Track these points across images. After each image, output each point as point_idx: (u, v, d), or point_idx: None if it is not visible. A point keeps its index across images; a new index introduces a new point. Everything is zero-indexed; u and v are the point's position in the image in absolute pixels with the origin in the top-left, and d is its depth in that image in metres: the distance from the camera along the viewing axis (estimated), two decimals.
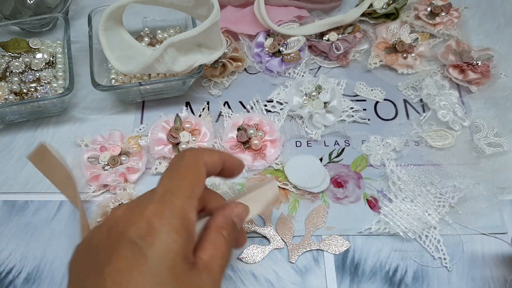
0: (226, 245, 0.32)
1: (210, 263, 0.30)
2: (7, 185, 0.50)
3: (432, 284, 0.45)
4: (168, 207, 0.28)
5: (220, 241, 0.32)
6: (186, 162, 0.32)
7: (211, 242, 0.31)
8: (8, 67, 0.53)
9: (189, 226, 0.28)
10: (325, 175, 0.50)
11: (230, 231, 0.33)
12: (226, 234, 0.32)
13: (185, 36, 0.47)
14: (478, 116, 0.54)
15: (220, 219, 0.33)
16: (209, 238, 0.31)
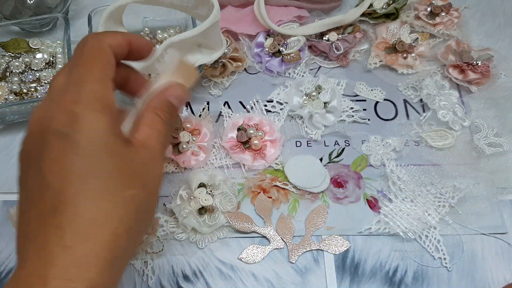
0: (163, 125, 0.32)
1: (147, 140, 0.31)
2: (7, 185, 0.50)
3: (432, 284, 0.45)
4: (84, 91, 0.28)
5: (156, 121, 0.32)
6: (89, 46, 0.30)
7: (147, 123, 0.32)
8: (8, 67, 0.53)
9: (109, 105, 0.28)
10: (325, 175, 0.50)
11: (167, 112, 0.33)
12: (162, 114, 0.33)
13: (185, 36, 0.47)
14: (478, 116, 0.54)
15: (156, 101, 0.33)
16: (144, 119, 0.32)
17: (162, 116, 0.33)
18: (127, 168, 0.28)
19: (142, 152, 0.30)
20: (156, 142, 0.31)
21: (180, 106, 0.35)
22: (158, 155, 0.31)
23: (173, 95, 0.34)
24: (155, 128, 0.32)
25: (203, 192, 0.46)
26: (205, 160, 0.50)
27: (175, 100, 0.34)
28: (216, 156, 0.51)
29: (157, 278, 0.45)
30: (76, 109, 0.27)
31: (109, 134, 0.27)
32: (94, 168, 0.27)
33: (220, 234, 0.47)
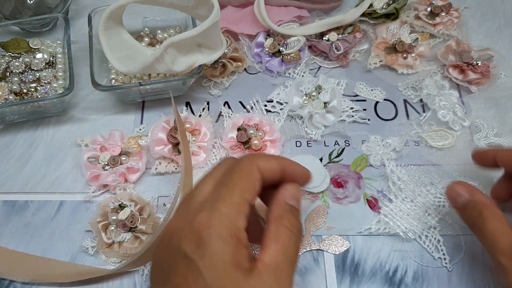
0: (288, 235, 0.30)
1: (273, 261, 0.28)
2: (7, 185, 0.50)
3: (432, 284, 0.45)
4: (216, 215, 0.28)
5: (281, 233, 0.30)
6: (239, 168, 0.31)
7: (272, 238, 0.29)
8: (8, 67, 0.53)
9: (237, 233, 0.28)
10: (325, 175, 0.50)
11: (290, 218, 0.30)
12: (287, 223, 0.30)
13: (185, 36, 0.47)
14: (478, 116, 0.54)
15: (276, 209, 0.31)
16: (269, 234, 0.30)
17: (286, 223, 0.30)
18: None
19: (266, 279, 0.27)
20: (282, 259, 0.29)
21: (299, 205, 0.32)
22: (286, 277, 0.28)
23: (290, 197, 0.32)
24: (280, 242, 0.29)
25: None
26: (205, 160, 0.50)
27: (294, 202, 0.32)
28: (216, 156, 0.51)
29: None
30: (204, 234, 0.27)
31: (229, 267, 0.27)
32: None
33: None
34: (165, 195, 0.49)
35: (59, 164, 0.51)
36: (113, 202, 0.46)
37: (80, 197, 0.49)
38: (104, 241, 0.45)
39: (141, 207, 0.46)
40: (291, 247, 0.29)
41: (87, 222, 0.47)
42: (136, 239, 0.45)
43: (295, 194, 0.32)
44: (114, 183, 0.48)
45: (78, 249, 0.46)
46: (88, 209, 0.48)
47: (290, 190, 0.32)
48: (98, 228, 0.45)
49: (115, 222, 0.45)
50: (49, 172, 0.51)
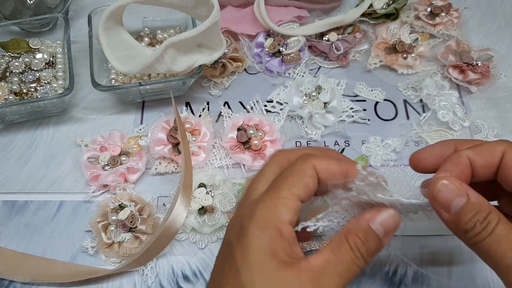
0: (348, 253, 0.28)
1: (319, 266, 0.27)
2: (7, 185, 0.50)
3: (432, 284, 0.45)
4: (260, 206, 0.29)
5: (342, 247, 0.28)
6: (292, 165, 0.31)
7: (330, 246, 0.28)
8: (8, 67, 0.53)
9: (278, 225, 0.28)
10: None
11: (361, 239, 0.28)
12: (353, 242, 0.28)
13: (185, 36, 0.47)
14: (478, 117, 0.54)
15: (352, 223, 0.29)
16: (330, 243, 0.29)
17: (353, 243, 0.28)
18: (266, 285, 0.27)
19: (302, 278, 0.27)
20: (330, 269, 0.27)
21: (386, 238, 0.29)
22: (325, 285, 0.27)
23: (378, 222, 0.28)
24: (337, 255, 0.28)
25: (203, 192, 0.46)
26: (205, 160, 0.50)
27: (379, 228, 0.28)
28: (216, 156, 0.51)
29: (157, 278, 0.45)
30: (245, 223, 0.28)
31: (263, 253, 0.27)
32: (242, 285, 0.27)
33: (220, 234, 0.47)
34: (165, 195, 0.49)
35: (59, 164, 0.51)
36: (113, 202, 0.46)
37: (80, 197, 0.49)
38: (104, 241, 0.45)
39: (141, 207, 0.46)
40: (345, 264, 0.28)
41: (87, 222, 0.47)
42: (136, 239, 0.45)
43: (388, 224, 0.28)
44: (114, 183, 0.48)
45: (78, 249, 0.46)
46: (88, 209, 0.48)
47: (378, 211, 0.29)
48: (98, 228, 0.45)
49: (115, 222, 0.45)
50: (49, 172, 0.51)
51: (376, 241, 0.29)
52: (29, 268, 0.44)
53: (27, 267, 0.44)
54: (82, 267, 0.45)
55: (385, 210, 0.29)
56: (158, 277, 0.45)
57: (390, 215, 0.29)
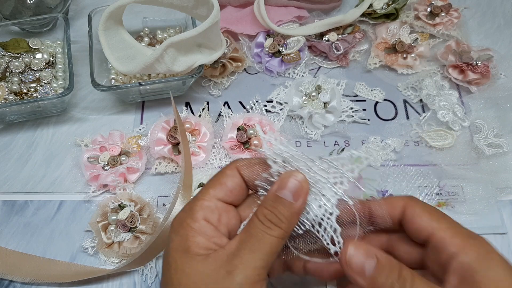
0: (258, 226, 0.28)
1: (235, 249, 0.28)
2: (7, 185, 0.50)
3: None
4: (178, 214, 0.31)
5: (252, 223, 0.29)
6: (224, 169, 0.32)
7: (244, 229, 0.29)
8: (8, 67, 0.53)
9: (190, 223, 0.30)
10: None
11: (269, 210, 0.29)
12: (261, 215, 0.29)
13: (185, 36, 0.47)
14: (478, 117, 0.53)
15: (262, 200, 0.30)
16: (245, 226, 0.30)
17: (261, 215, 0.29)
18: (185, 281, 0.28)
19: (211, 263, 0.28)
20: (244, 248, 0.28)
21: (299, 200, 0.29)
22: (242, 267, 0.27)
23: (283, 188, 0.29)
24: (247, 231, 0.29)
25: None
26: (205, 160, 0.50)
27: (286, 193, 0.29)
28: (216, 156, 0.51)
29: (157, 278, 0.45)
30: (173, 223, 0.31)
31: (178, 253, 0.29)
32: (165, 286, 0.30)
33: None
34: (165, 195, 0.49)
35: (59, 164, 0.51)
36: (113, 202, 0.46)
37: (80, 197, 0.49)
38: (104, 241, 0.45)
39: (140, 207, 0.46)
40: (255, 237, 0.28)
41: (87, 222, 0.47)
42: (136, 239, 0.45)
43: (286, 184, 0.29)
44: (114, 183, 0.48)
45: (78, 249, 0.46)
46: (88, 209, 0.48)
47: (282, 179, 0.29)
48: (98, 228, 0.45)
49: (115, 222, 0.45)
50: (49, 172, 0.51)
51: (286, 205, 0.29)
52: (29, 268, 0.44)
53: (27, 267, 0.44)
54: (82, 267, 0.45)
55: (288, 175, 0.29)
56: (158, 277, 0.45)
57: (294, 178, 0.29)
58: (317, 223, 0.29)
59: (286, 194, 0.29)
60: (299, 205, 0.29)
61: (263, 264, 0.28)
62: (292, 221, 0.29)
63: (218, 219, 0.30)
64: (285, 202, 0.29)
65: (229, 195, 0.31)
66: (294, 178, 0.29)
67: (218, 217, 0.30)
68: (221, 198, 0.31)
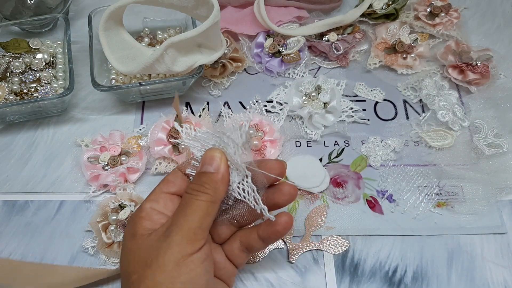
0: (185, 197, 0.34)
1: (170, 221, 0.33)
2: (7, 185, 0.50)
3: (432, 284, 0.45)
4: None
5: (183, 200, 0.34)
6: None
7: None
8: (8, 67, 0.53)
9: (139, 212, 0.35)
10: (324, 175, 0.50)
11: (193, 184, 0.34)
12: (188, 189, 0.34)
13: (185, 37, 0.47)
14: (477, 117, 0.54)
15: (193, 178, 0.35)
16: None
17: (188, 190, 0.34)
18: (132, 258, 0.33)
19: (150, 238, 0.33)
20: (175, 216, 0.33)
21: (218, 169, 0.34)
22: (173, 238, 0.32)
23: (206, 163, 0.34)
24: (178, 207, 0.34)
25: None
26: None
27: (209, 168, 0.34)
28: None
29: None
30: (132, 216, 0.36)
31: (127, 237, 0.34)
32: None
33: None
34: None
35: (59, 164, 0.51)
36: (113, 202, 0.46)
37: (80, 197, 0.49)
38: (104, 241, 0.45)
39: None
40: (184, 205, 0.33)
41: (87, 222, 0.47)
42: None
43: (204, 160, 0.34)
44: (114, 183, 0.48)
45: (78, 249, 0.46)
46: (88, 209, 0.48)
47: (203, 158, 0.34)
48: (98, 228, 0.45)
49: (115, 222, 0.45)
50: (49, 172, 0.51)
51: (208, 175, 0.33)
52: (28, 277, 0.44)
53: (26, 276, 0.44)
54: (81, 270, 0.44)
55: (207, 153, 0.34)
56: None
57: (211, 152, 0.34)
58: (241, 189, 0.34)
59: (207, 168, 0.33)
60: (221, 173, 0.33)
61: (197, 224, 0.32)
62: (218, 187, 0.33)
63: (163, 206, 0.35)
64: (207, 174, 0.33)
65: (172, 187, 0.36)
66: (211, 153, 0.34)
67: (163, 205, 0.35)
68: (165, 191, 0.36)
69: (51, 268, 0.45)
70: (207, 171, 0.33)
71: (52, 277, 0.44)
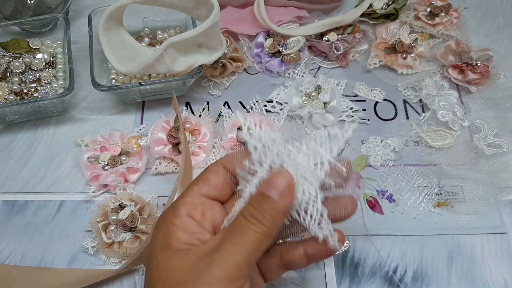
0: (242, 222, 0.28)
1: (217, 244, 0.28)
2: (7, 185, 0.50)
3: (432, 284, 0.45)
4: (163, 212, 0.32)
5: (236, 220, 0.29)
6: (209, 166, 0.32)
7: (229, 225, 0.29)
8: (9, 67, 0.53)
9: (172, 219, 0.30)
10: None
11: (254, 207, 0.29)
12: (246, 212, 0.29)
13: (185, 37, 0.47)
14: (477, 117, 0.54)
15: (251, 197, 0.30)
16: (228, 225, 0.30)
17: (246, 213, 0.29)
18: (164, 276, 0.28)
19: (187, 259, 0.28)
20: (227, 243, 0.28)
21: (284, 198, 0.29)
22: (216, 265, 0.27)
23: (270, 186, 0.29)
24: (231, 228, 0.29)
25: None
26: (205, 160, 0.50)
27: (271, 191, 0.29)
28: (216, 156, 0.51)
29: None
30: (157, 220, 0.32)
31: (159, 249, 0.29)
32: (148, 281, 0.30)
33: None
34: (165, 195, 0.49)
35: (59, 164, 0.51)
36: (113, 202, 0.46)
37: (80, 197, 0.49)
38: (104, 241, 0.45)
39: (141, 207, 0.46)
40: (237, 231, 0.28)
41: (87, 222, 0.47)
42: (136, 239, 0.45)
43: (271, 182, 0.29)
44: (114, 183, 0.48)
45: (78, 249, 0.46)
46: (88, 209, 0.48)
47: (269, 179, 0.29)
48: (98, 228, 0.45)
49: (115, 222, 0.45)
50: (49, 172, 0.51)
51: (271, 203, 0.28)
52: (27, 281, 0.43)
53: (24, 280, 0.44)
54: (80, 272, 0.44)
55: (277, 174, 0.29)
56: None
57: (282, 177, 0.29)
58: (302, 210, 0.29)
59: (272, 193, 0.29)
60: (285, 205, 0.29)
61: (245, 260, 0.27)
62: (277, 220, 0.29)
63: (201, 215, 0.30)
64: (270, 200, 0.28)
65: (213, 190, 0.31)
66: (283, 177, 0.29)
67: (201, 213, 0.30)
68: (205, 194, 0.31)
69: (50, 271, 0.45)
70: (270, 196, 0.28)
71: (52, 280, 0.44)
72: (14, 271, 0.44)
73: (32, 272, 0.45)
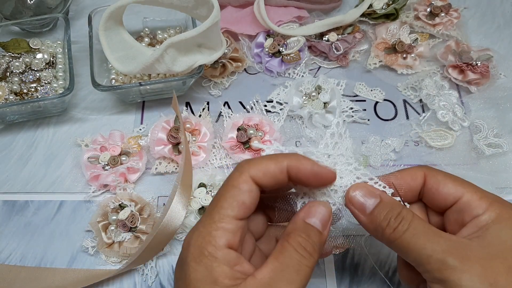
0: (292, 255, 0.27)
1: (264, 279, 0.27)
2: (7, 185, 0.50)
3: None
4: (194, 236, 0.29)
5: (284, 251, 0.28)
6: (227, 182, 0.30)
7: (274, 255, 0.28)
8: (9, 67, 0.53)
9: (213, 252, 0.27)
10: None
11: (300, 237, 0.28)
12: (293, 241, 0.28)
13: (185, 37, 0.47)
14: (477, 117, 0.54)
15: (289, 225, 0.29)
16: (274, 251, 0.28)
17: (293, 242, 0.28)
18: None
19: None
20: (277, 278, 0.26)
21: (326, 230, 0.29)
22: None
23: (314, 216, 0.29)
24: (280, 259, 0.27)
25: (203, 192, 0.46)
26: (205, 160, 0.50)
27: (316, 222, 0.29)
28: (216, 156, 0.51)
29: (157, 278, 0.45)
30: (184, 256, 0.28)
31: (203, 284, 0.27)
32: None
33: None
34: (165, 195, 0.49)
35: (59, 164, 0.51)
36: (113, 202, 0.46)
37: (80, 197, 0.49)
38: (104, 241, 0.45)
39: (141, 207, 0.46)
40: (292, 268, 0.27)
41: (87, 222, 0.47)
42: (136, 239, 0.45)
43: (315, 212, 0.29)
44: (114, 183, 0.48)
45: (78, 249, 0.46)
46: (88, 209, 0.48)
47: (311, 207, 0.29)
48: (98, 228, 0.45)
49: (115, 222, 0.45)
50: (49, 172, 0.51)
51: (318, 234, 0.28)
52: (27, 281, 0.43)
53: (24, 280, 0.43)
54: (80, 272, 0.44)
55: (317, 204, 0.29)
56: (158, 276, 0.45)
57: (323, 207, 0.29)
58: None
59: (315, 222, 0.28)
60: (326, 235, 0.29)
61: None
62: (321, 250, 0.29)
63: (239, 243, 0.29)
64: (315, 231, 0.28)
65: (247, 213, 0.29)
66: (324, 206, 0.29)
67: (239, 240, 0.29)
68: (241, 217, 0.29)
69: (50, 271, 0.44)
70: (315, 226, 0.28)
71: (52, 280, 0.44)
72: (14, 271, 0.44)
73: (32, 272, 0.44)
